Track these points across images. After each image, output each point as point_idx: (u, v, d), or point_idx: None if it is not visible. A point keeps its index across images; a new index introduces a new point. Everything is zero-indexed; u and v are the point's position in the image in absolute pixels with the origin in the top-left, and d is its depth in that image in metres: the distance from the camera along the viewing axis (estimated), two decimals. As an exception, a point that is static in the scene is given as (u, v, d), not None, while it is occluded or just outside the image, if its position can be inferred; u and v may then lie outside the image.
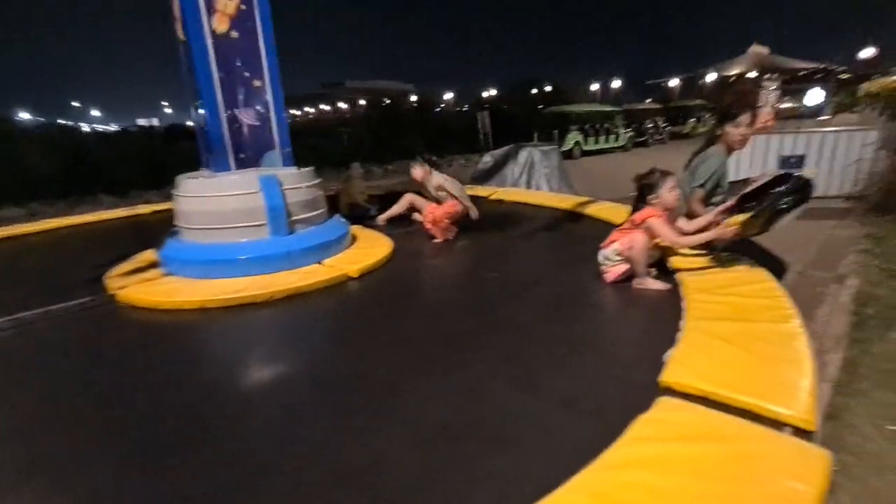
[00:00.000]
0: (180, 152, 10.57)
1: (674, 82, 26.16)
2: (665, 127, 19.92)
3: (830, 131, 6.63)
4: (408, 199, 4.45)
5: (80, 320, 2.50)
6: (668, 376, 1.57)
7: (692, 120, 21.77)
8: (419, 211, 4.39)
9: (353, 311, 2.59)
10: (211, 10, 2.75)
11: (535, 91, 26.60)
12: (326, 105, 53.55)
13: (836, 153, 6.27)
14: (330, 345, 2.27)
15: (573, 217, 4.32)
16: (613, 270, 2.58)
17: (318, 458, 1.38)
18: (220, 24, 2.80)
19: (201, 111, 3.03)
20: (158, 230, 3.45)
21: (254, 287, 2.66)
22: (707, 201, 2.84)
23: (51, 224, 4.98)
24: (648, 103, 23.53)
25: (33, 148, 9.53)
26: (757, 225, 2.28)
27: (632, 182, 2.65)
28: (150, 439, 1.51)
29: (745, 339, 1.74)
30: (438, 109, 22.83)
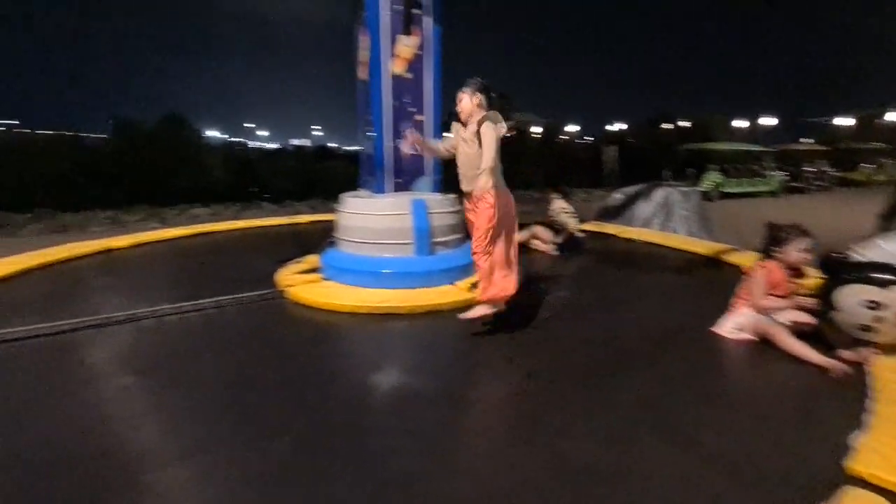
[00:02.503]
0: (328, 170, 12.02)
1: (841, 121, 22.52)
2: (831, 172, 17.20)
3: None
4: (533, 229, 4.56)
5: (258, 310, 2.97)
6: (858, 464, 1.37)
7: (867, 166, 18.48)
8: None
9: (483, 336, 2.67)
10: (393, 55, 3.19)
11: (668, 126, 24.69)
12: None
13: None
14: (463, 366, 2.38)
15: (715, 264, 3.98)
16: (739, 339, 2.44)
17: (461, 475, 1.47)
18: (398, 67, 3.22)
19: (369, 136, 3.46)
20: (314, 239, 3.95)
21: (397, 300, 2.92)
22: None
23: (231, 225, 6.01)
24: (809, 144, 20.60)
25: (215, 160, 11.65)
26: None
27: (763, 227, 2.56)
28: (318, 431, 1.72)
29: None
30: (560, 140, 22.28)
